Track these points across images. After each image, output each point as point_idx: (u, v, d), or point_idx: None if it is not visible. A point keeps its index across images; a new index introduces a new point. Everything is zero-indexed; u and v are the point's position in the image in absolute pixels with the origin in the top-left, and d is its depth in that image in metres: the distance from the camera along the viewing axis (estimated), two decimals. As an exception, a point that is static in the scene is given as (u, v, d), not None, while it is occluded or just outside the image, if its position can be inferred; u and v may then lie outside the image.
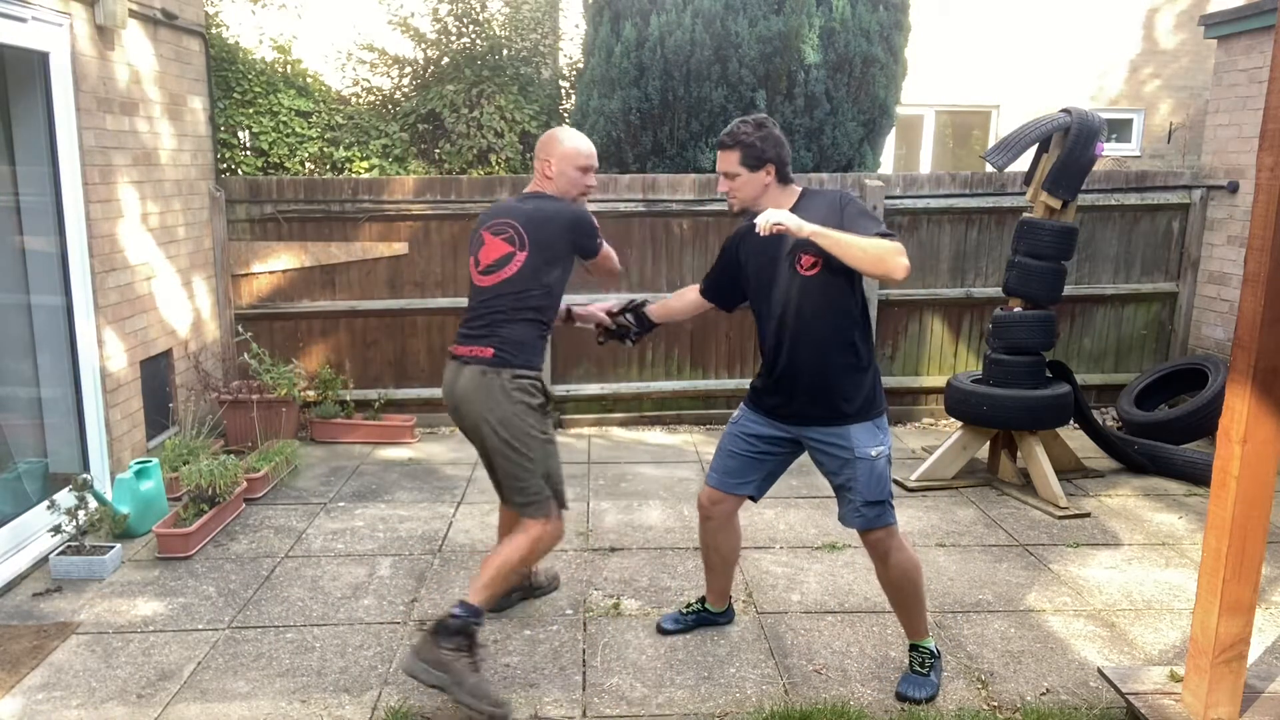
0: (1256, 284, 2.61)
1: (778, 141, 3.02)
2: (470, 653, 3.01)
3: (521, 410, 3.16)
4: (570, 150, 3.32)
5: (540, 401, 3.23)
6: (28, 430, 4.56)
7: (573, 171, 3.33)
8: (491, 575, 3.13)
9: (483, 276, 3.27)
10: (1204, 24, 6.58)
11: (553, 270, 3.25)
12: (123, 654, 3.41)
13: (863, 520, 3.07)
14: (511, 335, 3.20)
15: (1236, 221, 6.25)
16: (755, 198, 3.05)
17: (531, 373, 3.22)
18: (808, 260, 2.97)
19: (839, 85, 6.82)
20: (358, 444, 5.99)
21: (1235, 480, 2.69)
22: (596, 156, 3.43)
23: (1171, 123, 11.24)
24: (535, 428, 3.19)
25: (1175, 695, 2.95)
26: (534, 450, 3.18)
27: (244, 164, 6.81)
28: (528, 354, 3.22)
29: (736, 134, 3.00)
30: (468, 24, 7.79)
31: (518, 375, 3.17)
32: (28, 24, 4.09)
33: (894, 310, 6.48)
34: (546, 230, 3.23)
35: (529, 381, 3.19)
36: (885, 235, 2.83)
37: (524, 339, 3.21)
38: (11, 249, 4.41)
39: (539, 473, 3.21)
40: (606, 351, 6.36)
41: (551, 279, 3.25)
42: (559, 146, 3.33)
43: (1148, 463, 5.45)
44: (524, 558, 3.21)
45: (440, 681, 2.94)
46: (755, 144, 2.98)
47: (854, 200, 3.00)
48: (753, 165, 3.01)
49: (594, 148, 3.43)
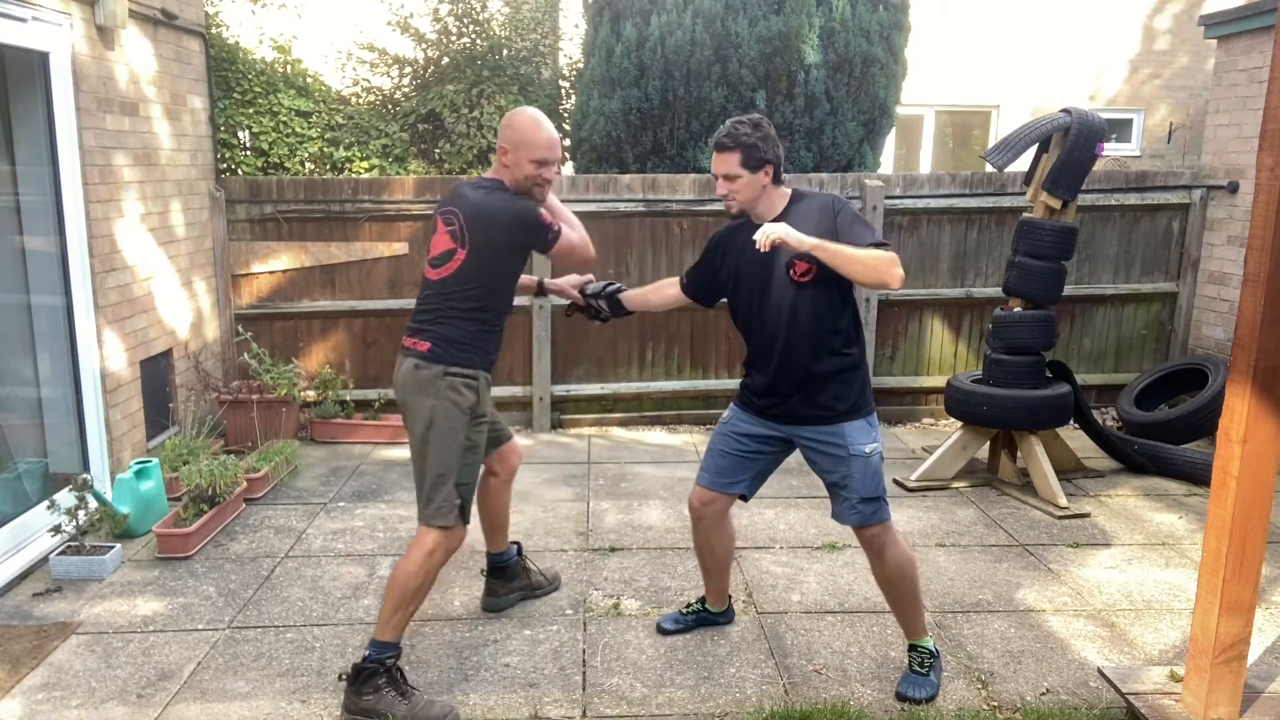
0: (1256, 284, 2.61)
1: (775, 141, 3.02)
2: (392, 686, 2.98)
3: (448, 409, 3.05)
4: (525, 140, 3.10)
5: (471, 403, 3.09)
6: (28, 430, 4.56)
7: (527, 165, 3.11)
8: (393, 603, 3.03)
9: (430, 269, 3.17)
10: (1204, 24, 6.58)
11: (496, 269, 3.12)
12: (123, 654, 3.41)
13: (859, 517, 3.07)
14: (448, 333, 3.10)
15: (1236, 221, 6.25)
16: (754, 199, 3.05)
17: (467, 371, 3.09)
18: (802, 267, 2.97)
19: (839, 85, 6.82)
20: (358, 444, 5.99)
21: (1235, 480, 2.69)
22: (558, 146, 3.19)
23: (1171, 123, 11.24)
24: (459, 430, 3.07)
25: (1175, 695, 2.95)
26: (450, 453, 3.06)
27: (244, 164, 6.81)
28: (466, 352, 3.10)
29: (737, 135, 2.98)
30: (468, 24, 7.79)
31: (449, 373, 3.06)
32: (28, 24, 4.09)
33: (894, 310, 6.48)
34: (487, 231, 3.07)
35: (462, 381, 3.08)
36: (880, 244, 2.85)
37: (462, 337, 3.10)
38: (11, 249, 4.41)
39: (451, 478, 3.07)
40: (607, 352, 6.36)
41: (495, 278, 3.13)
42: (515, 133, 3.12)
43: (1148, 463, 5.45)
44: (418, 572, 3.04)
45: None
46: (756, 145, 2.97)
47: (846, 205, 3.00)
48: (753, 166, 3.00)
49: (554, 135, 3.17)
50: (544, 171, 3.14)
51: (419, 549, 3.05)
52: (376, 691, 2.96)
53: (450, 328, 3.10)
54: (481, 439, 3.22)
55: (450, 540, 3.10)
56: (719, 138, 3.03)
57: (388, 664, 3.00)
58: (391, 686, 2.98)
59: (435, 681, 3.24)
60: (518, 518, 4.76)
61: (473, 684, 3.23)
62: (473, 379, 3.10)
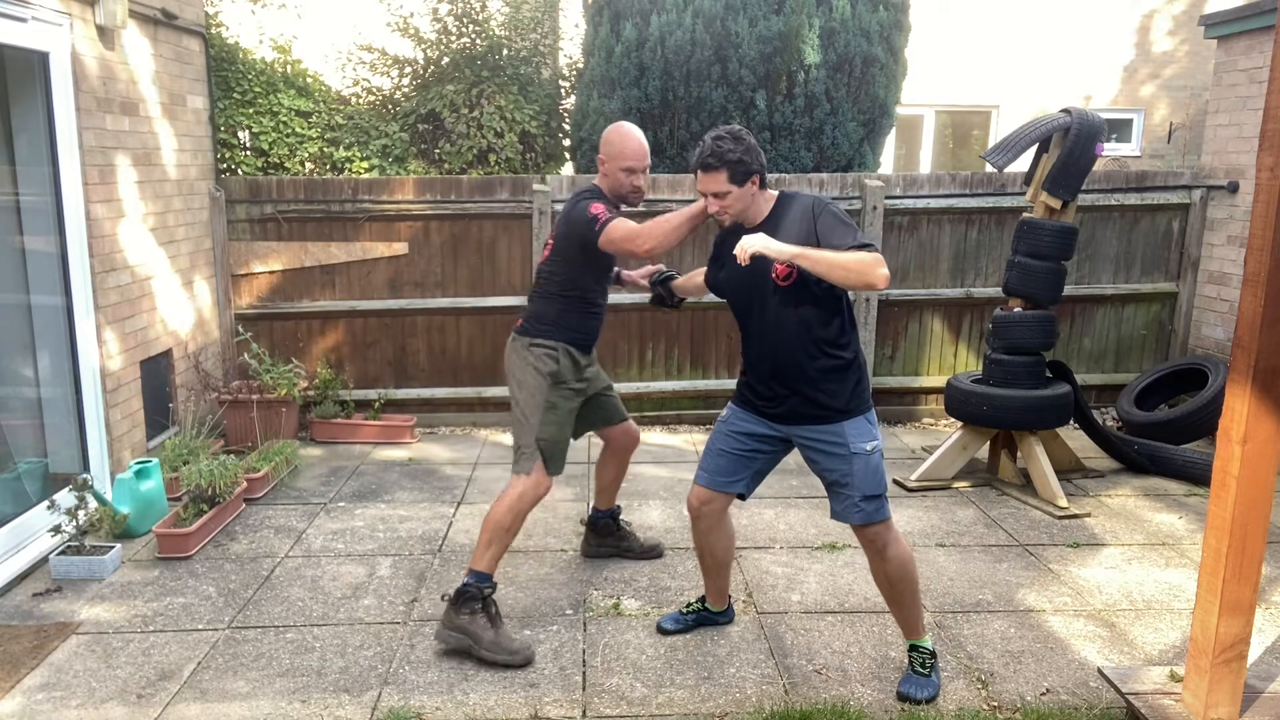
0: (1256, 284, 2.61)
1: (757, 150, 3.03)
2: (485, 612, 3.37)
3: (531, 373, 3.58)
4: (615, 151, 3.58)
5: (551, 369, 3.57)
6: (28, 430, 4.56)
7: (619, 173, 3.58)
8: (486, 539, 3.46)
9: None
10: (1204, 24, 6.58)
11: (566, 257, 3.58)
12: (123, 654, 3.41)
13: (862, 515, 3.07)
14: (535, 310, 3.67)
15: (1236, 221, 6.25)
16: (745, 209, 3.08)
17: (549, 343, 3.59)
18: (783, 271, 2.98)
19: (839, 85, 6.82)
20: (357, 444, 5.99)
21: (1235, 480, 2.69)
22: (645, 154, 3.61)
23: (1171, 123, 11.23)
24: (539, 392, 3.56)
25: (1175, 695, 2.95)
26: (531, 411, 3.56)
27: (244, 164, 6.81)
28: (548, 327, 3.61)
29: (722, 154, 2.96)
30: (467, 24, 7.78)
31: (534, 344, 3.61)
32: (28, 24, 4.09)
33: (894, 310, 6.47)
34: (561, 225, 3.59)
35: (544, 351, 3.58)
36: (862, 245, 2.86)
37: (545, 314, 3.63)
38: (11, 249, 4.41)
39: (532, 433, 3.54)
40: (607, 352, 6.36)
41: (571, 266, 3.59)
42: (608, 146, 3.60)
43: (1148, 463, 5.45)
44: (507, 512, 3.47)
45: (460, 644, 3.37)
46: (741, 159, 2.97)
47: (827, 208, 2.99)
48: (741, 180, 3.01)
49: (642, 145, 3.60)
50: (633, 179, 3.59)
51: (509, 493, 3.51)
52: (472, 614, 3.38)
53: (538, 306, 3.67)
54: (565, 402, 3.63)
55: (536, 488, 3.54)
56: (703, 158, 2.99)
57: (485, 593, 3.41)
58: (485, 613, 3.39)
59: (435, 681, 3.24)
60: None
61: (473, 684, 3.23)
62: (553, 349, 3.59)
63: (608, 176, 3.60)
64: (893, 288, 6.40)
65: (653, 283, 3.78)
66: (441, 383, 6.43)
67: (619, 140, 3.58)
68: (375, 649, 3.46)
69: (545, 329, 3.62)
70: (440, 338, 6.35)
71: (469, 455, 5.84)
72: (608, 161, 3.58)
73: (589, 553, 4.27)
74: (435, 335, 6.36)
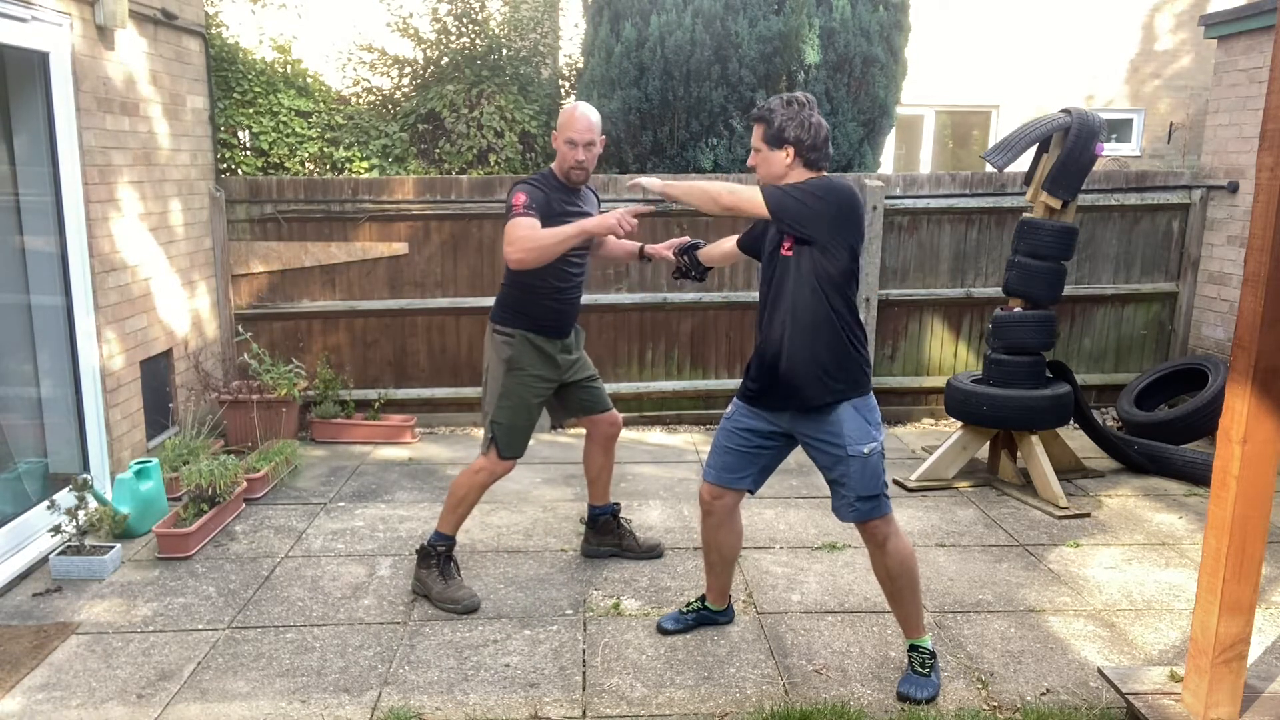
0: (1256, 284, 2.61)
1: (803, 123, 2.95)
2: (439, 568, 3.77)
3: (493, 359, 3.75)
4: (562, 124, 3.59)
5: (507, 355, 3.69)
6: (28, 430, 4.56)
7: (563, 146, 3.58)
8: (449, 505, 3.80)
9: None
10: (1204, 24, 6.58)
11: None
12: (123, 654, 3.41)
13: (856, 514, 3.10)
14: (499, 297, 3.80)
15: (1236, 221, 6.25)
16: (777, 177, 3.02)
17: (506, 330, 3.71)
18: (788, 242, 3.01)
19: (839, 85, 6.82)
20: (358, 444, 5.99)
21: (1235, 480, 2.69)
22: (593, 129, 3.57)
23: (1171, 123, 11.23)
24: (497, 378, 3.72)
25: (1175, 695, 2.95)
26: (490, 395, 3.74)
27: (244, 164, 6.81)
28: (508, 314, 3.73)
29: (764, 109, 3.01)
30: (467, 24, 7.78)
31: (495, 330, 3.75)
32: (28, 24, 4.09)
33: (894, 310, 6.48)
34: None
35: (502, 338, 3.72)
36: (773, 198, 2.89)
37: (506, 301, 3.76)
38: (11, 249, 4.41)
39: (488, 414, 3.74)
40: (607, 352, 6.36)
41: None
42: (560, 120, 3.61)
43: (1148, 463, 5.45)
44: (465, 484, 3.77)
45: (421, 591, 3.81)
46: (775, 121, 2.96)
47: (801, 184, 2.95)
48: (773, 143, 2.99)
49: (590, 122, 3.56)
50: (574, 153, 3.56)
51: (471, 468, 3.80)
52: (428, 569, 3.80)
53: (501, 293, 3.79)
54: (522, 388, 3.72)
55: (494, 467, 3.76)
56: (757, 108, 3.06)
57: (439, 550, 3.79)
58: (439, 568, 3.78)
59: (435, 681, 3.24)
60: (516, 517, 4.77)
61: (473, 684, 3.23)
62: (510, 336, 3.70)
63: (558, 154, 3.61)
64: (893, 288, 6.40)
65: (677, 252, 3.74)
66: (441, 383, 6.43)
67: (566, 114, 3.60)
68: (375, 649, 3.46)
69: (505, 316, 3.73)
70: (440, 337, 6.35)
71: (469, 455, 5.83)
72: (557, 136, 3.60)
73: (589, 552, 4.28)
74: (435, 335, 6.36)
